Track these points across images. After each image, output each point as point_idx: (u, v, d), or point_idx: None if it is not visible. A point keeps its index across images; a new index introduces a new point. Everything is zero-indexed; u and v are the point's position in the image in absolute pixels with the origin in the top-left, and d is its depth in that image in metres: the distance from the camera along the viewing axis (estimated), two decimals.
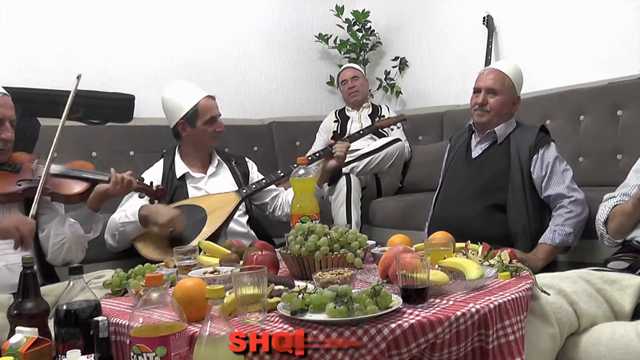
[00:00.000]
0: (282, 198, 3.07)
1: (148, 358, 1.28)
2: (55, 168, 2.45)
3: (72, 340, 1.52)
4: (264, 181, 2.96)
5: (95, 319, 1.36)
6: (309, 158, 3.09)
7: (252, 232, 2.92)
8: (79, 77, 2.50)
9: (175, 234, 2.67)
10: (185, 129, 2.94)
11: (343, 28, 4.82)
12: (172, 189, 2.90)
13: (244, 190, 2.89)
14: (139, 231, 2.71)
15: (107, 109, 3.77)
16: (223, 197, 2.84)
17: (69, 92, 3.49)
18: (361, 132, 3.51)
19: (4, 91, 2.39)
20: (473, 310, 1.44)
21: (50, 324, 1.65)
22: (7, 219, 2.22)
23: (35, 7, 3.70)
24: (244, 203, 2.97)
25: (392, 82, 4.82)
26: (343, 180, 3.46)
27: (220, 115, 3.00)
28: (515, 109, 2.77)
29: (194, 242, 2.48)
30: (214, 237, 2.63)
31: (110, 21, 3.97)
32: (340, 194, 3.43)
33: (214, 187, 2.94)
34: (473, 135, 2.86)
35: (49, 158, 2.37)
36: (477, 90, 2.78)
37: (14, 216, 2.27)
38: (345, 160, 3.52)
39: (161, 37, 4.16)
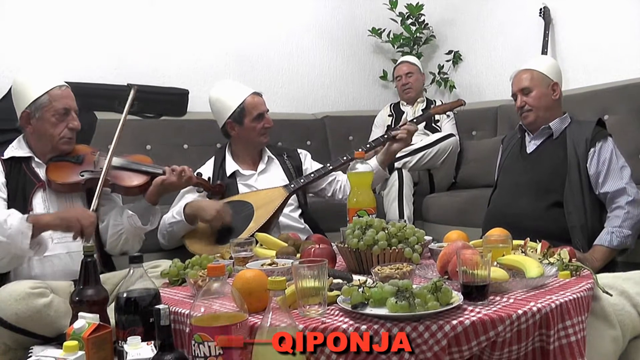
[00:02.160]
0: (342, 182, 3.05)
1: (209, 347, 1.30)
2: (116, 160, 2.51)
3: (133, 327, 1.56)
4: (312, 175, 2.95)
5: (157, 307, 1.38)
6: (367, 146, 3.08)
7: (307, 227, 2.91)
8: (132, 88, 2.56)
9: (224, 225, 2.69)
10: (234, 128, 2.95)
11: (396, 22, 4.77)
12: (223, 188, 2.91)
13: (292, 185, 2.89)
14: (186, 229, 2.74)
15: (162, 103, 3.83)
16: (271, 193, 2.85)
17: (124, 86, 3.61)
18: (414, 120, 3.47)
19: (65, 83, 2.47)
20: (534, 309, 1.43)
21: (108, 310, 1.70)
22: (70, 212, 2.29)
23: (91, 2, 3.78)
24: (295, 197, 2.98)
25: (445, 76, 4.76)
26: (395, 175, 3.44)
27: (268, 111, 2.99)
28: (556, 95, 2.71)
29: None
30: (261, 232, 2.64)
31: (164, 17, 4.02)
32: (392, 189, 3.41)
33: (264, 183, 2.94)
34: (526, 134, 2.81)
35: (110, 151, 2.42)
36: (514, 96, 2.78)
37: (76, 209, 2.33)
38: (399, 155, 3.51)
39: (215, 33, 4.19)
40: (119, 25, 3.84)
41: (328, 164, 2.96)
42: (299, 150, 3.19)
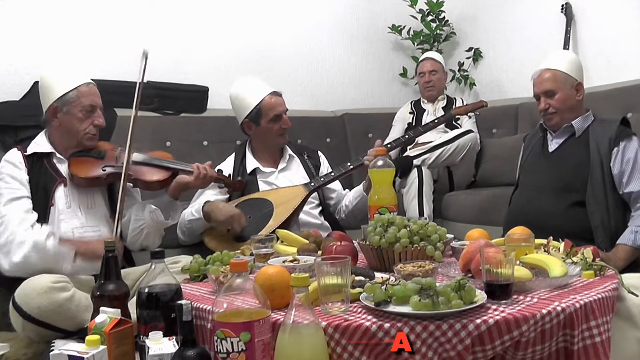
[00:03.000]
0: (342, 203, 3.04)
1: (232, 343, 1.30)
2: (137, 156, 2.54)
3: (154, 323, 1.57)
4: (332, 174, 2.93)
5: (179, 302, 1.38)
6: (388, 145, 3.05)
7: (327, 224, 2.90)
8: (146, 56, 2.45)
9: (233, 233, 2.69)
10: (251, 128, 2.94)
11: (417, 19, 4.74)
12: (243, 184, 2.91)
13: (312, 184, 2.87)
14: (204, 227, 2.75)
15: (182, 100, 3.84)
16: (291, 191, 2.84)
17: (144, 83, 3.60)
18: (436, 120, 3.44)
19: (91, 81, 2.49)
20: (559, 309, 1.41)
21: (129, 305, 1.71)
22: (98, 242, 2.26)
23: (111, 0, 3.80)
24: (316, 195, 2.97)
25: (465, 73, 4.73)
26: (415, 173, 3.41)
27: (287, 110, 2.96)
28: (580, 95, 2.67)
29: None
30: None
31: (184, 14, 4.03)
32: (412, 187, 3.38)
33: (284, 181, 2.93)
34: (547, 133, 2.78)
35: (128, 142, 2.43)
36: (536, 97, 2.72)
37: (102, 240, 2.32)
38: (418, 153, 3.49)
39: (234, 30, 4.20)
40: (139, 22, 3.85)
41: (348, 163, 2.94)
42: (320, 153, 3.18)
